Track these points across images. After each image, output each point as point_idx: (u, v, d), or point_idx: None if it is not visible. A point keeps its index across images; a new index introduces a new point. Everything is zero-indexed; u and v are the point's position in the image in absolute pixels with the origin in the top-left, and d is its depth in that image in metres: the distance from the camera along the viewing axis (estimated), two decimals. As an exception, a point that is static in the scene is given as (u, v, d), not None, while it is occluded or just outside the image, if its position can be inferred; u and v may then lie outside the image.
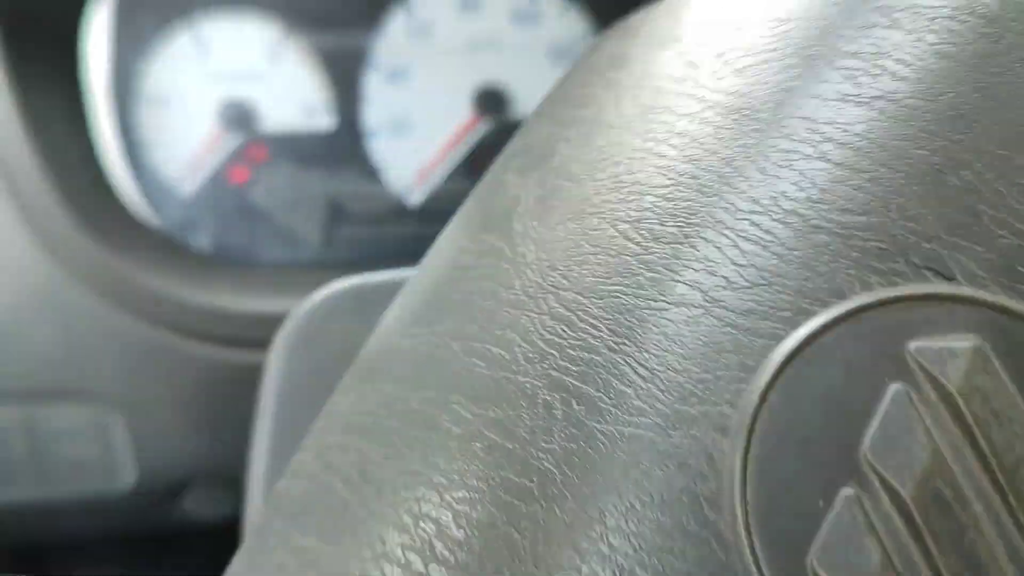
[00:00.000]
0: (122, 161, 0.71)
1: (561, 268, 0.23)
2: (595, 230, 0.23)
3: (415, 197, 0.76)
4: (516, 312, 0.23)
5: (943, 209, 0.20)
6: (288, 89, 0.73)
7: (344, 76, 0.73)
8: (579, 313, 0.21)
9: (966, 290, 0.19)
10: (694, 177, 0.22)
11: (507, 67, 0.75)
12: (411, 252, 0.74)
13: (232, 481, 0.68)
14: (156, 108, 0.72)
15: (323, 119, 0.74)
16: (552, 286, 0.23)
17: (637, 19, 0.30)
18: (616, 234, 0.22)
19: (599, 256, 0.22)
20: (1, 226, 0.60)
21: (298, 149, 0.74)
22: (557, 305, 0.22)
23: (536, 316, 0.22)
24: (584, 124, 0.26)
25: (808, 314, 0.19)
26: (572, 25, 0.75)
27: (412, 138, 0.75)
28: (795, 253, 0.20)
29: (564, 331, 0.21)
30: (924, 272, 0.19)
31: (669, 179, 0.22)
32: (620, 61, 0.28)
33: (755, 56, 0.24)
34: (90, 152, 0.69)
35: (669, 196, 0.22)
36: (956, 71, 0.21)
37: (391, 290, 0.29)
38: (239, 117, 0.72)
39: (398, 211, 0.75)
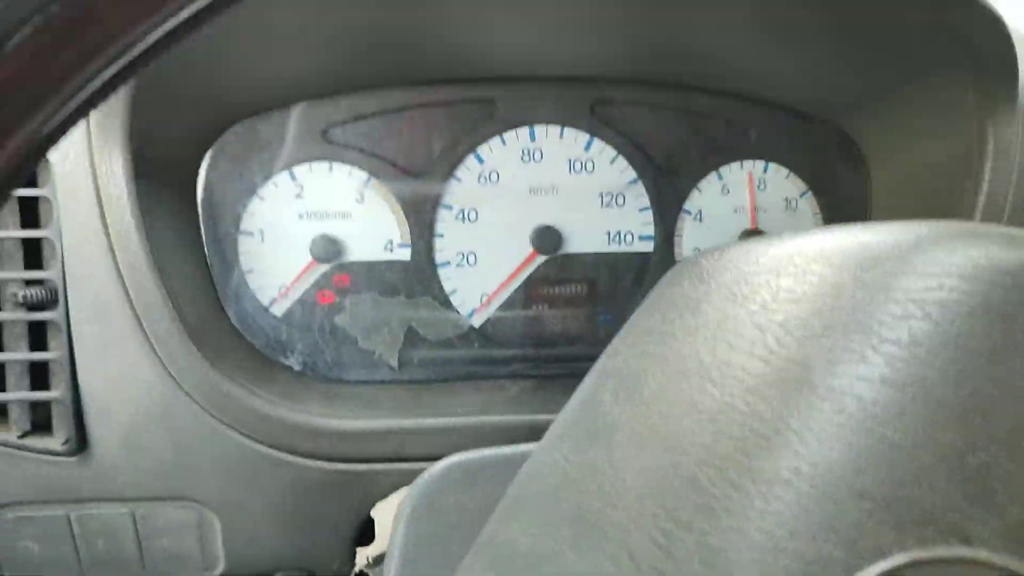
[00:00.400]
0: (226, 288, 0.77)
1: (656, 498, 0.27)
2: (680, 467, 0.27)
3: (477, 320, 0.81)
4: (622, 534, 0.27)
5: (964, 485, 0.24)
6: (371, 226, 0.79)
7: (420, 216, 0.79)
8: (675, 543, 0.26)
9: (982, 554, 0.23)
10: (764, 437, 0.27)
11: (562, 209, 0.81)
12: (473, 372, 0.79)
13: (309, 574, 0.72)
14: (256, 240, 0.78)
15: (401, 251, 0.79)
16: (651, 513, 0.27)
17: (708, 263, 0.35)
18: (698, 475, 0.27)
19: (684, 491, 0.27)
20: (128, 350, 0.65)
21: (378, 277, 0.79)
22: (655, 531, 0.26)
23: (637, 538, 0.27)
24: (668, 363, 0.31)
25: (856, 568, 0.23)
26: (620, 174, 0.81)
27: (477, 269, 0.81)
28: (847, 514, 0.24)
29: (661, 557, 0.26)
30: (949, 537, 0.24)
31: (743, 433, 0.27)
32: (695, 306, 0.33)
33: (812, 329, 0.28)
34: (203, 281, 0.74)
35: (743, 449, 0.27)
36: (976, 363, 0.26)
37: (501, 466, 0.33)
38: (328, 249, 0.78)
39: (464, 334, 0.80)
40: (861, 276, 0.29)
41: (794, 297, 0.30)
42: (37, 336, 0.66)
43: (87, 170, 0.63)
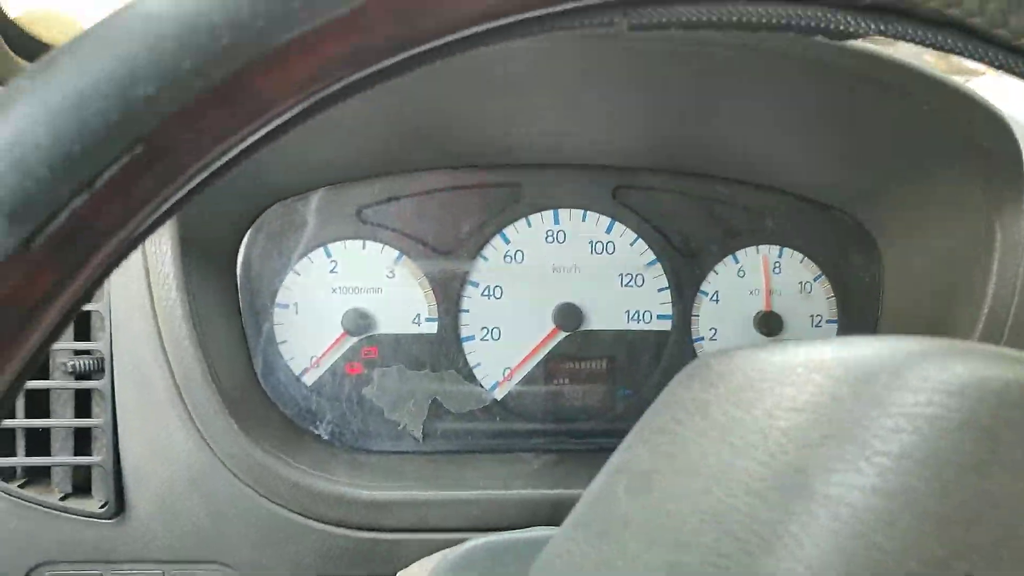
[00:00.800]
0: (260, 357, 0.80)
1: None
2: (686, 565, 0.29)
3: (499, 393, 0.83)
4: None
5: (948, 593, 0.26)
6: (400, 300, 0.82)
7: (448, 291, 0.82)
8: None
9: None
10: (765, 540, 0.28)
11: (583, 288, 0.83)
12: (495, 445, 0.81)
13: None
14: (291, 313, 0.81)
15: (428, 325, 0.82)
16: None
17: (718, 366, 0.37)
18: (704, 573, 0.29)
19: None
20: (167, 418, 0.68)
21: (405, 350, 0.82)
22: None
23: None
24: (678, 463, 0.33)
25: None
26: (640, 255, 0.83)
27: (501, 344, 0.83)
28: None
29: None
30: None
31: (746, 535, 0.29)
32: (704, 409, 0.35)
33: (811, 438, 0.30)
34: (240, 351, 0.77)
35: (746, 550, 0.29)
36: (962, 477, 0.28)
37: (522, 550, 0.35)
38: (358, 323, 0.80)
39: (487, 407, 0.82)
40: (858, 389, 0.31)
41: (795, 406, 0.32)
42: (82, 402, 0.69)
43: (137, 249, 0.66)
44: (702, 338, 0.84)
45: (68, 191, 0.23)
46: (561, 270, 0.83)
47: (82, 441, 0.69)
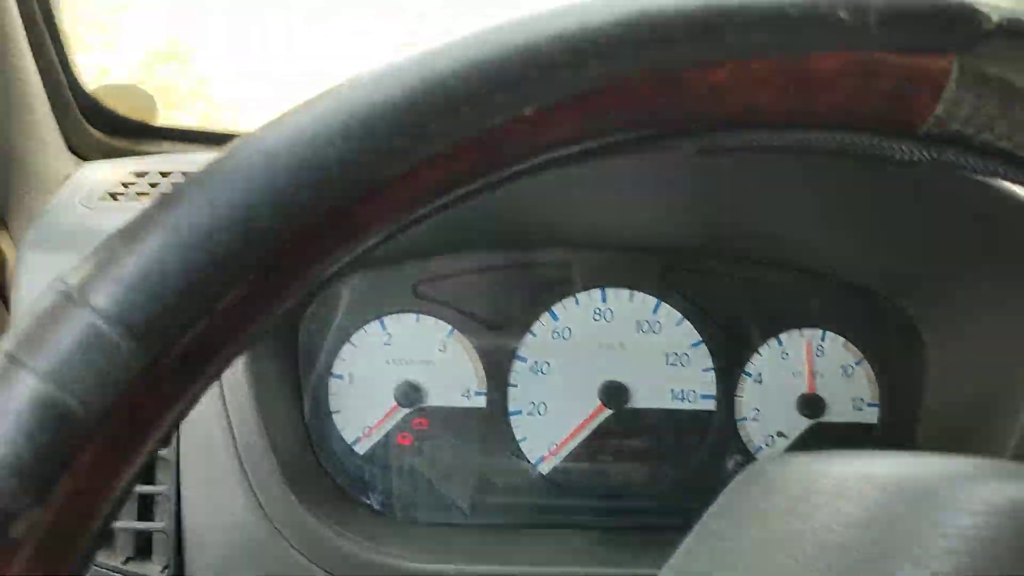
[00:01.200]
0: (316, 427, 0.82)
1: None
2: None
3: (545, 468, 0.84)
4: None
5: None
6: (451, 374, 0.84)
7: (497, 366, 0.84)
8: None
9: None
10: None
11: (629, 367, 0.85)
12: (541, 520, 0.82)
13: None
14: (346, 383, 0.83)
15: (477, 399, 0.84)
16: None
17: (774, 473, 0.39)
18: None
19: None
20: (228, 487, 0.70)
21: (454, 423, 0.84)
22: None
23: None
24: (736, 572, 0.35)
25: None
26: (685, 336, 0.85)
27: (547, 419, 0.85)
28: None
29: None
30: None
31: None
32: (763, 518, 0.36)
33: (869, 554, 0.32)
34: (298, 422, 0.80)
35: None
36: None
37: None
38: (410, 395, 0.83)
39: (532, 482, 0.84)
40: (914, 508, 0.33)
41: (852, 521, 0.34)
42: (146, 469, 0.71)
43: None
44: (745, 418, 0.86)
45: (192, 316, 0.26)
46: (608, 348, 0.85)
47: (144, 506, 0.72)
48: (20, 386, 0.23)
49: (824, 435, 0.85)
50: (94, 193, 0.79)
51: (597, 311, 0.86)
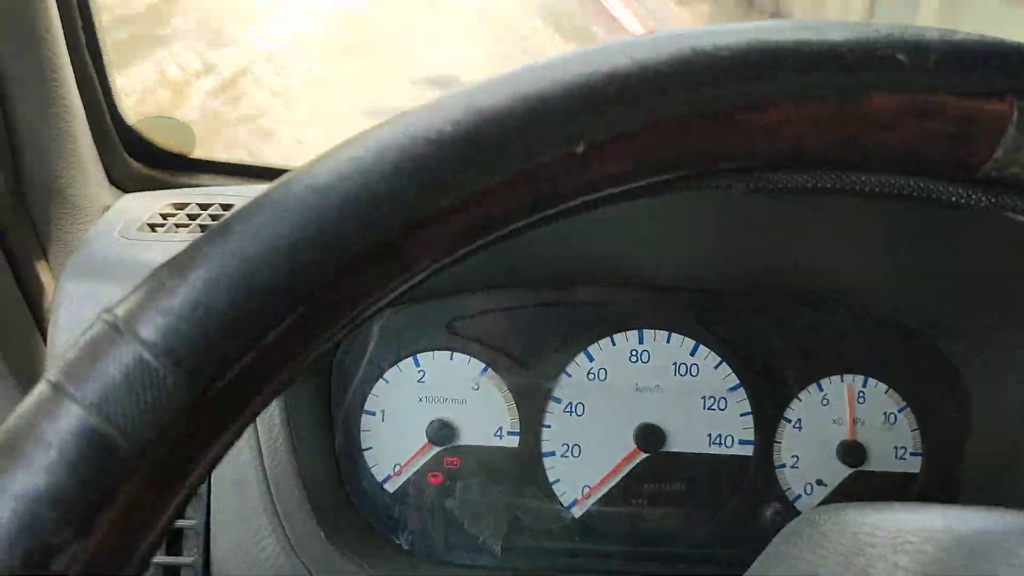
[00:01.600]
0: (346, 464, 0.82)
1: None
2: None
3: (578, 511, 0.83)
4: None
5: None
6: (483, 413, 0.83)
7: (530, 406, 0.83)
8: None
9: None
10: None
11: (666, 409, 0.84)
12: (572, 564, 0.81)
13: None
14: (377, 420, 0.83)
15: (509, 439, 0.83)
16: None
17: (824, 524, 0.38)
18: None
19: None
20: (257, 522, 0.70)
21: (486, 462, 0.83)
22: None
23: None
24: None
25: None
26: (723, 380, 0.84)
27: (581, 461, 0.84)
28: None
29: None
30: None
31: None
32: (814, 572, 0.35)
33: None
34: (328, 457, 0.80)
35: None
36: None
37: None
38: (442, 433, 0.82)
39: (565, 525, 0.83)
40: (970, 564, 0.32)
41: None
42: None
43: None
44: (784, 465, 0.84)
45: (240, 349, 0.25)
46: (644, 390, 0.84)
47: (172, 540, 0.72)
48: (65, 416, 0.23)
49: (865, 484, 0.83)
50: (133, 224, 0.80)
51: (633, 352, 0.85)
